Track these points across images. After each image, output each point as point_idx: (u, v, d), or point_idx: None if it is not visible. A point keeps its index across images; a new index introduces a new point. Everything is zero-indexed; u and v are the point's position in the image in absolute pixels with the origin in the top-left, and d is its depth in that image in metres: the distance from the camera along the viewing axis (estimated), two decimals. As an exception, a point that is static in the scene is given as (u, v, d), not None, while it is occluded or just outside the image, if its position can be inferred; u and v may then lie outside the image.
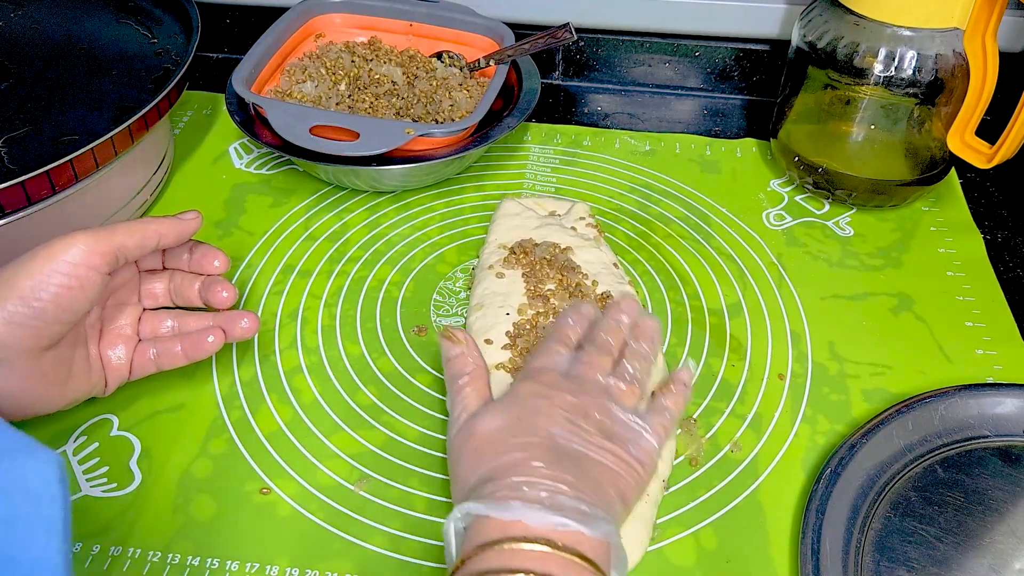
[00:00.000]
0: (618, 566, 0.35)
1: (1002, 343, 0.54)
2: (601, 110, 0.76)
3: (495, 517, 0.34)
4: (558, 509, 0.35)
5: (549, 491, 0.36)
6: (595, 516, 0.35)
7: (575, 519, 0.34)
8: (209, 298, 0.48)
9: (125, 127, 0.53)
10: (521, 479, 0.36)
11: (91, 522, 0.44)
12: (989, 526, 0.43)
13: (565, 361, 0.44)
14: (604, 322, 0.46)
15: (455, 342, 0.45)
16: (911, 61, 0.56)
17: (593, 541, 0.34)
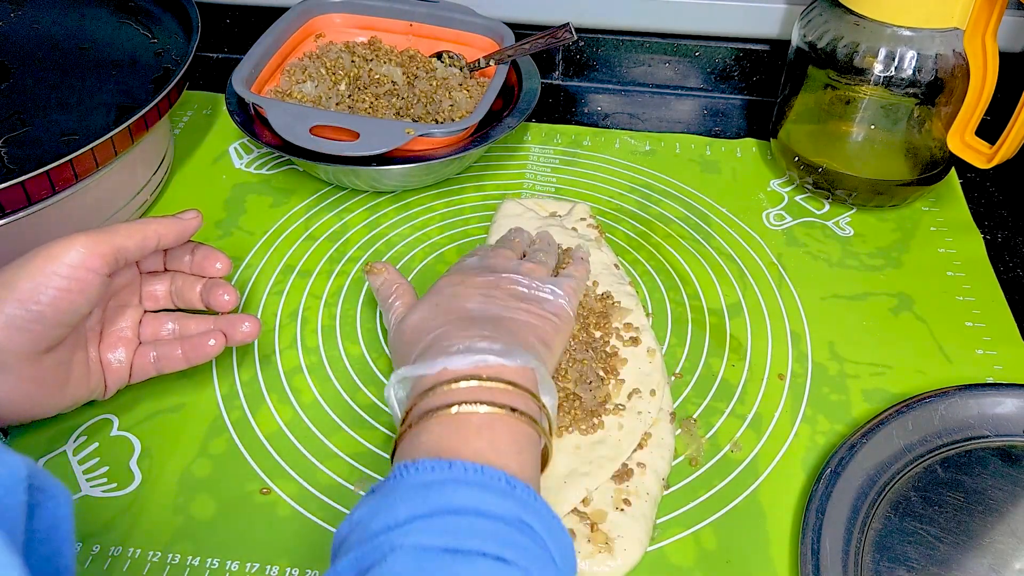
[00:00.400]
0: (547, 390, 0.40)
1: (1002, 343, 0.54)
2: (601, 110, 0.76)
3: (425, 373, 0.39)
4: (475, 351, 0.39)
5: (467, 343, 0.40)
6: (512, 350, 0.40)
7: (492, 354, 0.39)
8: (210, 301, 0.48)
9: (125, 127, 0.53)
10: (443, 344, 0.41)
11: (91, 522, 0.44)
12: (989, 526, 0.43)
13: (475, 261, 0.49)
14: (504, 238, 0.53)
15: (377, 272, 0.50)
16: (911, 61, 0.56)
17: (516, 369, 0.39)
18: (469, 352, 0.39)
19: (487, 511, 0.32)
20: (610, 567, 0.41)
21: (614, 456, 0.44)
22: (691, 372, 0.52)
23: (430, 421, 0.37)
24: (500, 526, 0.32)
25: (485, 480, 0.33)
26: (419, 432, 0.37)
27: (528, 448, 0.37)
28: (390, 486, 0.34)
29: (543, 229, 0.55)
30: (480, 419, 0.37)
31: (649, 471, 0.45)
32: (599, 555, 0.41)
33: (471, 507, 0.32)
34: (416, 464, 0.34)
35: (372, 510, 0.33)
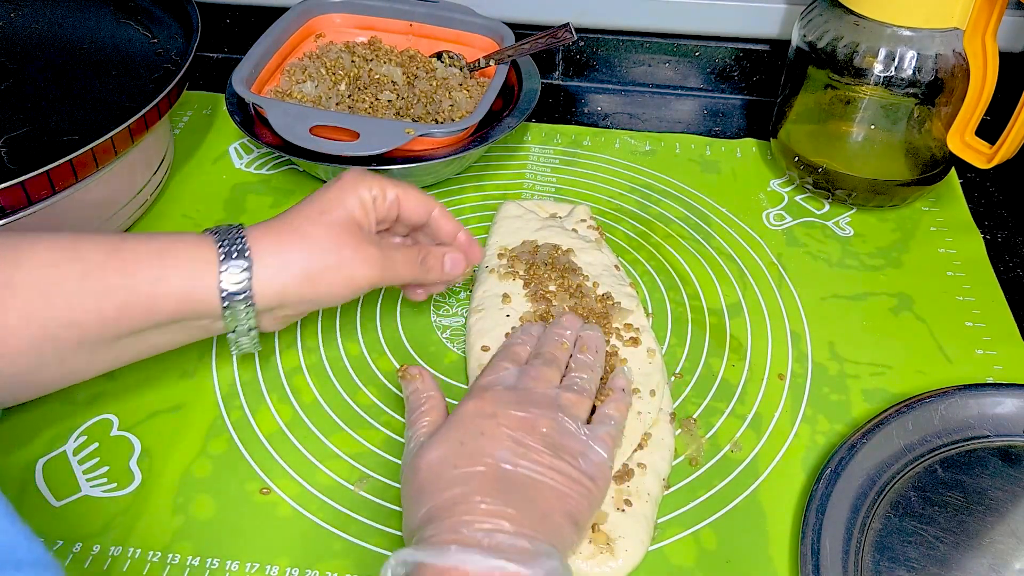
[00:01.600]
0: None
1: (1002, 343, 0.54)
2: (601, 110, 0.76)
3: (432, 564, 0.34)
4: (496, 551, 0.35)
5: (488, 531, 0.36)
6: (537, 553, 0.35)
7: (515, 560, 0.34)
8: None
9: (125, 127, 0.53)
10: (460, 519, 0.36)
11: (91, 522, 0.44)
12: (989, 526, 0.43)
13: (512, 376, 0.44)
14: (547, 337, 0.48)
15: (411, 379, 0.46)
16: (911, 61, 0.56)
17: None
18: (489, 551, 0.34)
19: None
20: (612, 568, 0.41)
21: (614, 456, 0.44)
22: (691, 372, 0.52)
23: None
24: None
25: None
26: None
27: None
28: None
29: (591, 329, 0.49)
30: None
31: (649, 471, 0.45)
32: (600, 556, 0.41)
33: None
34: None
35: None
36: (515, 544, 0.35)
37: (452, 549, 0.34)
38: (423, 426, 0.43)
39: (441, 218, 0.49)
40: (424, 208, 0.48)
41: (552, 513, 0.38)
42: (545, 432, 0.41)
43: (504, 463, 0.39)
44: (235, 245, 0.42)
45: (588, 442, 0.41)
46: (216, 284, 0.41)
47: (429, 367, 0.52)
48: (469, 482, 0.38)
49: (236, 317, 0.42)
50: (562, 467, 0.39)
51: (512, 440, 0.40)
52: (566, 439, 0.41)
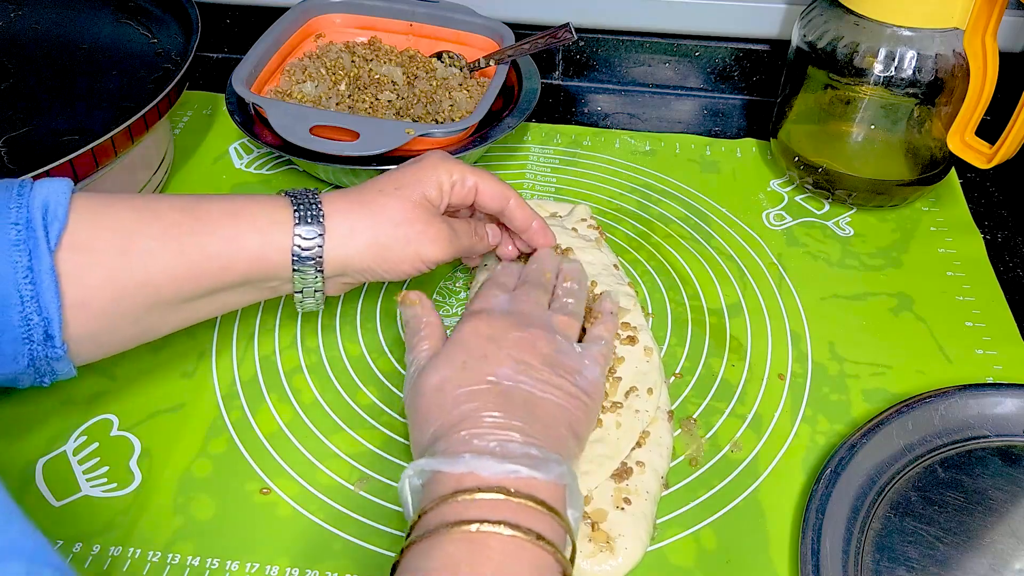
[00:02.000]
0: (575, 504, 0.37)
1: (1002, 343, 0.54)
2: (601, 110, 0.76)
3: (448, 471, 0.35)
4: (509, 457, 0.36)
5: (499, 440, 0.37)
6: (547, 459, 0.36)
7: (527, 465, 0.35)
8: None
9: (125, 127, 0.53)
10: (470, 432, 0.37)
11: (91, 522, 0.44)
12: (989, 526, 0.43)
13: (504, 301, 0.46)
14: (530, 269, 0.50)
15: (410, 304, 0.47)
16: (911, 61, 0.56)
17: (547, 484, 0.35)
18: (502, 458, 0.35)
19: None
20: (612, 566, 0.41)
21: (612, 455, 0.44)
22: (691, 372, 0.52)
23: (444, 539, 0.33)
24: None
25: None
26: (430, 548, 0.33)
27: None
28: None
29: (570, 262, 0.51)
30: (502, 544, 0.33)
31: (648, 469, 0.45)
32: (600, 554, 0.41)
33: None
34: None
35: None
36: (526, 452, 0.36)
37: (466, 457, 0.35)
38: (423, 350, 0.44)
39: (517, 208, 0.50)
40: (501, 198, 0.49)
41: (555, 425, 0.39)
42: (543, 351, 0.42)
43: (506, 380, 0.40)
44: (310, 210, 0.43)
45: (583, 360, 0.43)
46: (289, 246, 0.42)
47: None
48: (474, 399, 0.39)
49: (305, 280, 0.43)
50: (561, 383, 0.41)
51: (512, 359, 0.41)
52: (562, 357, 0.42)
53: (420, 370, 0.42)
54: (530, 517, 0.34)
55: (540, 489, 0.35)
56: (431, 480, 0.36)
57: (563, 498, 0.36)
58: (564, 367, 0.42)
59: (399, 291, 0.48)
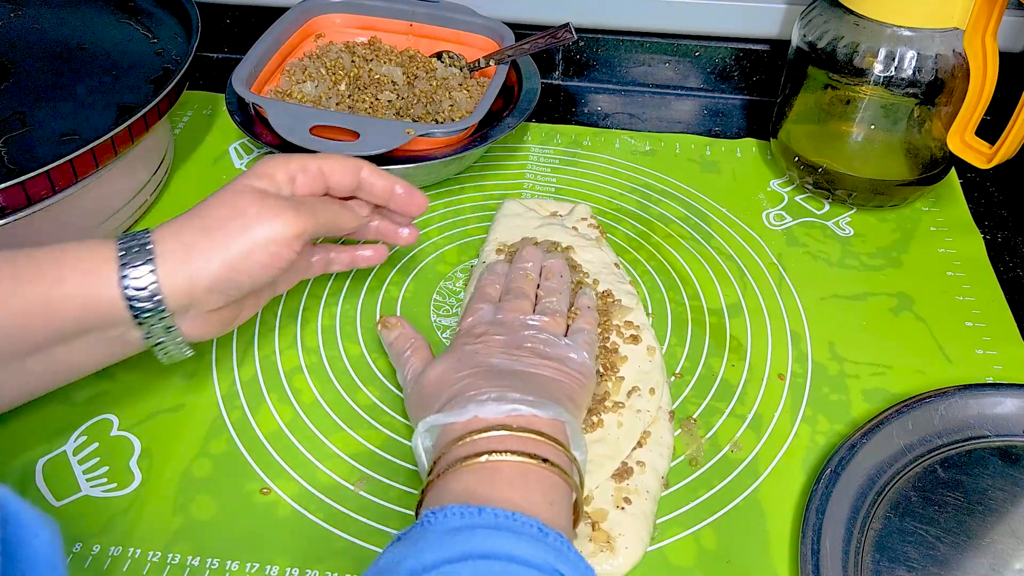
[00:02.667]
0: (578, 445, 0.39)
1: (1002, 343, 0.54)
2: (601, 110, 0.76)
3: (454, 421, 0.38)
4: (507, 401, 0.39)
5: (498, 392, 0.39)
6: (543, 402, 0.39)
7: (524, 404, 0.38)
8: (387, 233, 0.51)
9: (125, 127, 0.53)
10: (472, 393, 0.40)
11: (91, 522, 0.44)
12: (989, 526, 0.43)
13: (489, 313, 0.48)
14: (513, 272, 0.51)
15: (391, 327, 0.50)
16: (911, 61, 0.56)
17: (547, 421, 0.39)
18: (501, 401, 0.38)
19: (519, 557, 0.31)
20: (612, 565, 0.41)
21: (613, 454, 0.44)
22: (691, 372, 0.52)
23: (459, 470, 0.36)
24: (533, 573, 0.31)
25: (517, 526, 0.32)
26: (448, 481, 0.36)
27: (560, 500, 0.36)
28: (417, 533, 0.33)
29: (552, 257, 0.53)
30: (511, 468, 0.36)
31: (649, 469, 0.45)
32: (601, 554, 0.41)
33: (503, 553, 0.31)
34: (444, 510, 0.33)
35: (397, 557, 0.32)
36: (524, 398, 0.39)
37: (470, 407, 0.39)
38: (415, 361, 0.47)
39: (371, 176, 0.48)
40: (351, 172, 0.47)
41: (551, 389, 0.42)
42: (529, 346, 0.45)
43: (500, 366, 0.43)
44: (136, 241, 0.39)
45: (569, 349, 0.45)
46: (118, 284, 0.38)
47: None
48: (473, 377, 0.42)
49: (149, 319, 0.39)
50: (552, 364, 0.44)
51: (503, 353, 0.44)
52: (549, 348, 0.45)
53: (419, 373, 0.45)
54: (535, 447, 0.37)
55: (541, 425, 0.38)
56: (441, 433, 0.39)
57: (565, 435, 0.39)
58: (551, 356, 0.44)
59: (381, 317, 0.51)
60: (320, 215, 0.44)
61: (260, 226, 0.41)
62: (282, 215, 0.41)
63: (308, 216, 0.43)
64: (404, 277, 0.58)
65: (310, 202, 0.44)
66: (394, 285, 0.58)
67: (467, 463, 0.36)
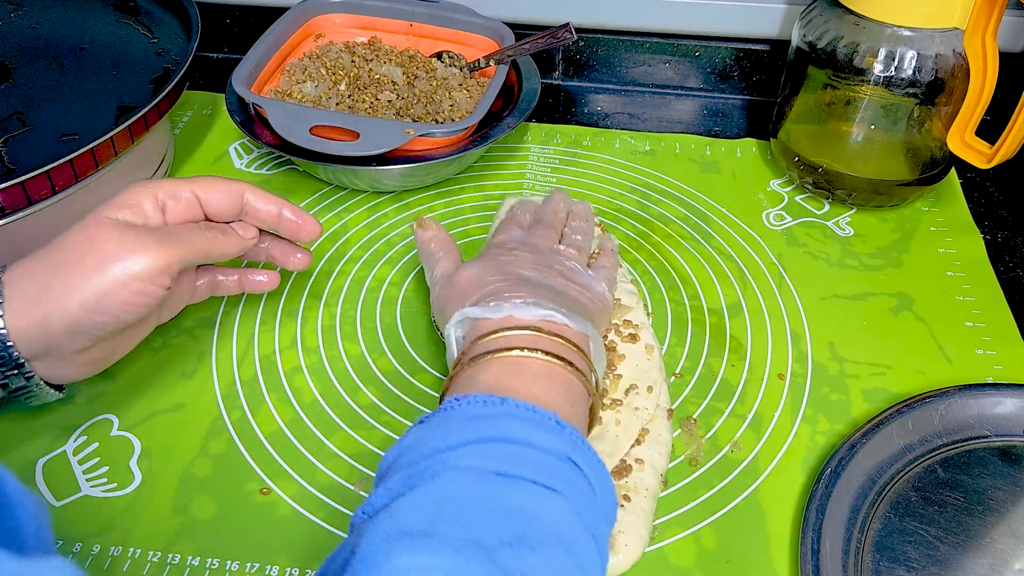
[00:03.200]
0: (598, 358, 0.42)
1: (1002, 343, 0.54)
2: (601, 110, 0.76)
3: (490, 317, 0.40)
4: (543, 307, 0.41)
5: (534, 299, 0.41)
6: (574, 314, 0.41)
7: (559, 313, 0.41)
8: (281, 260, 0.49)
9: (125, 127, 0.53)
10: (507, 294, 0.42)
11: (91, 522, 0.44)
12: (989, 526, 0.43)
13: (520, 234, 0.50)
14: (543, 209, 0.54)
15: (426, 227, 0.51)
16: (911, 61, 0.56)
17: (575, 332, 0.41)
18: (536, 307, 0.41)
19: (538, 444, 0.33)
20: (612, 563, 0.41)
21: (612, 452, 0.44)
22: (691, 372, 0.52)
23: (490, 361, 0.38)
24: (550, 459, 0.33)
25: (537, 418, 0.34)
26: (477, 371, 0.38)
27: (579, 402, 0.39)
28: (441, 417, 0.35)
29: (582, 202, 0.56)
30: (538, 366, 0.38)
31: (648, 467, 0.45)
32: (599, 555, 0.41)
33: (523, 439, 0.33)
34: (469, 398, 0.35)
35: (422, 437, 0.34)
36: (556, 308, 0.41)
37: (506, 306, 0.41)
38: (446, 262, 0.48)
39: (256, 200, 0.44)
40: (231, 197, 0.44)
41: (578, 307, 0.44)
42: (557, 268, 0.47)
43: (531, 278, 0.44)
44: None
45: (591, 277, 0.48)
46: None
47: (429, 367, 0.52)
48: (506, 282, 0.44)
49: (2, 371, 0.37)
50: (576, 287, 0.46)
51: (533, 267, 0.46)
52: (573, 274, 0.47)
53: (451, 272, 0.47)
54: (563, 351, 0.39)
55: (570, 334, 0.40)
56: (474, 327, 0.41)
57: (588, 347, 0.41)
58: (576, 280, 0.47)
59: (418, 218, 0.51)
60: (193, 244, 0.41)
61: (119, 262, 0.38)
62: (144, 249, 0.38)
63: (176, 247, 0.40)
64: (404, 277, 0.58)
65: (181, 231, 0.41)
66: (394, 285, 0.58)
67: (496, 355, 0.38)
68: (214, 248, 0.43)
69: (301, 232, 0.47)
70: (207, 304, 0.55)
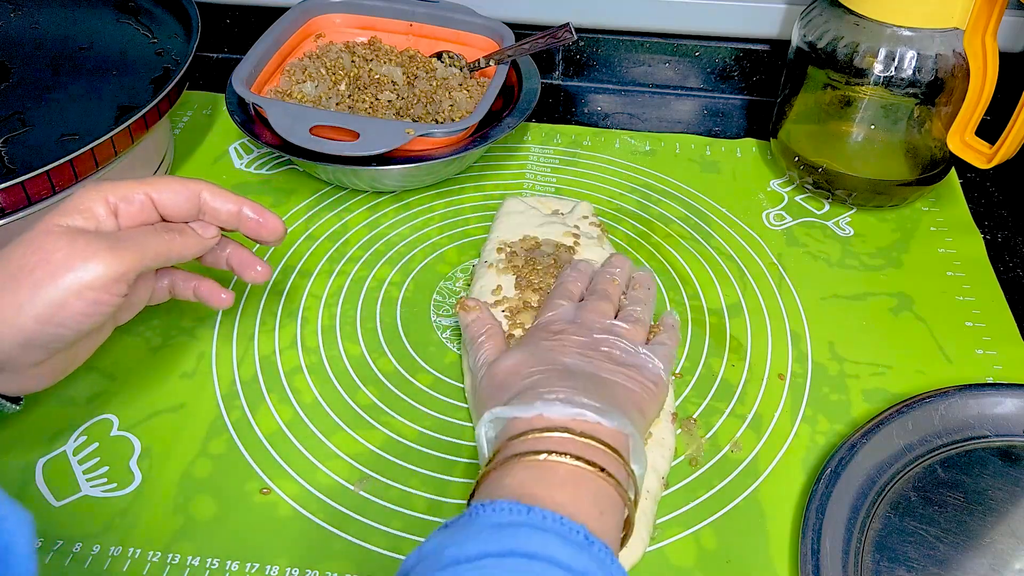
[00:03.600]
0: (638, 459, 0.39)
1: (1002, 343, 0.54)
2: (601, 110, 0.76)
3: (520, 416, 0.38)
4: (575, 404, 0.38)
5: (567, 393, 0.39)
6: (610, 410, 0.38)
7: (591, 410, 0.38)
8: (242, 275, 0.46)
9: (125, 127, 0.53)
10: (542, 389, 0.40)
11: (91, 522, 0.44)
12: (989, 526, 0.43)
13: (570, 311, 0.47)
14: (600, 275, 0.50)
15: (469, 310, 0.49)
16: (911, 61, 0.56)
17: (610, 431, 0.38)
18: (568, 404, 0.38)
19: (561, 561, 0.31)
20: (610, 567, 0.41)
21: (614, 456, 0.44)
22: (691, 372, 0.52)
23: (515, 465, 0.36)
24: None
25: (563, 531, 0.32)
26: (503, 475, 0.36)
27: (611, 511, 0.36)
28: (463, 522, 0.33)
29: (643, 270, 0.53)
30: (567, 471, 0.35)
31: (649, 470, 0.45)
32: (599, 555, 0.41)
33: (545, 554, 0.31)
34: (493, 504, 0.33)
35: (442, 544, 0.32)
36: (591, 403, 0.38)
37: (537, 404, 0.38)
38: (489, 348, 0.46)
39: (214, 199, 0.43)
40: (187, 197, 0.42)
41: (620, 397, 0.41)
42: (606, 351, 0.44)
43: (573, 366, 0.42)
44: None
45: (646, 358, 0.44)
46: None
47: (429, 367, 0.52)
48: (544, 374, 0.41)
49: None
50: (625, 371, 0.43)
51: (578, 353, 0.43)
52: (626, 355, 0.44)
53: (492, 361, 0.45)
54: (594, 454, 0.36)
55: (604, 433, 0.37)
56: (505, 427, 0.39)
57: (626, 447, 0.38)
58: (628, 364, 0.44)
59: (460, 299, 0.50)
60: (148, 248, 0.39)
61: (71, 271, 0.36)
62: (97, 256, 0.37)
63: (131, 253, 0.38)
64: (404, 277, 0.58)
65: (135, 235, 0.39)
66: (394, 285, 0.58)
67: (525, 459, 0.36)
68: (171, 251, 0.41)
69: (263, 231, 0.44)
70: (207, 304, 0.55)
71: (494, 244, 0.57)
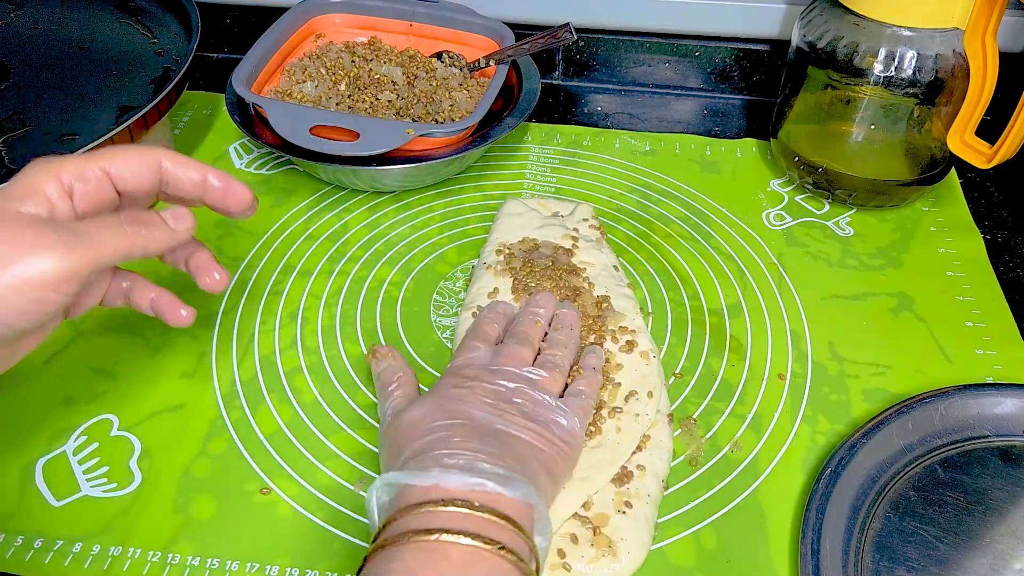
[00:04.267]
0: (542, 530, 0.36)
1: (1002, 343, 0.54)
2: (601, 110, 0.76)
3: (415, 484, 0.35)
4: (475, 472, 0.36)
5: (467, 459, 0.37)
6: (514, 478, 0.36)
7: (492, 480, 0.35)
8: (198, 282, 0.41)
9: (125, 127, 0.53)
10: (441, 451, 0.37)
11: (91, 522, 0.44)
12: (989, 526, 0.43)
13: (485, 356, 0.45)
14: (522, 316, 0.48)
15: (381, 357, 0.48)
16: (911, 61, 0.56)
17: (513, 502, 0.35)
18: (467, 472, 0.35)
19: None
20: (614, 570, 0.41)
21: (613, 459, 0.44)
22: (691, 372, 0.52)
23: (406, 546, 0.33)
24: None
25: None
26: (391, 556, 0.33)
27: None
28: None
29: (566, 307, 0.50)
30: (461, 554, 0.33)
31: (649, 473, 0.45)
32: (603, 559, 0.41)
33: None
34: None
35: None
36: (494, 470, 0.36)
37: (434, 471, 0.35)
38: (398, 397, 0.45)
39: (176, 167, 0.38)
40: (147, 167, 0.37)
41: (528, 459, 0.39)
42: (518, 403, 0.42)
43: (481, 420, 0.40)
44: None
45: (560, 412, 0.43)
46: None
47: (429, 367, 0.52)
48: (449, 429, 0.39)
49: None
50: (535, 428, 0.41)
51: (488, 404, 0.41)
52: (539, 408, 0.42)
53: (398, 411, 0.43)
54: (493, 530, 0.34)
55: (506, 505, 0.35)
56: (399, 494, 0.36)
57: (530, 519, 0.36)
58: (540, 417, 0.42)
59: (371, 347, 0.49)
60: (107, 245, 0.34)
61: (12, 266, 0.31)
62: (45, 251, 0.32)
63: (85, 249, 0.33)
64: (404, 277, 0.58)
65: (94, 228, 0.34)
66: (394, 285, 0.58)
67: (416, 539, 0.33)
68: (135, 247, 0.35)
69: (228, 200, 0.40)
70: (207, 304, 0.55)
71: (493, 246, 0.57)
